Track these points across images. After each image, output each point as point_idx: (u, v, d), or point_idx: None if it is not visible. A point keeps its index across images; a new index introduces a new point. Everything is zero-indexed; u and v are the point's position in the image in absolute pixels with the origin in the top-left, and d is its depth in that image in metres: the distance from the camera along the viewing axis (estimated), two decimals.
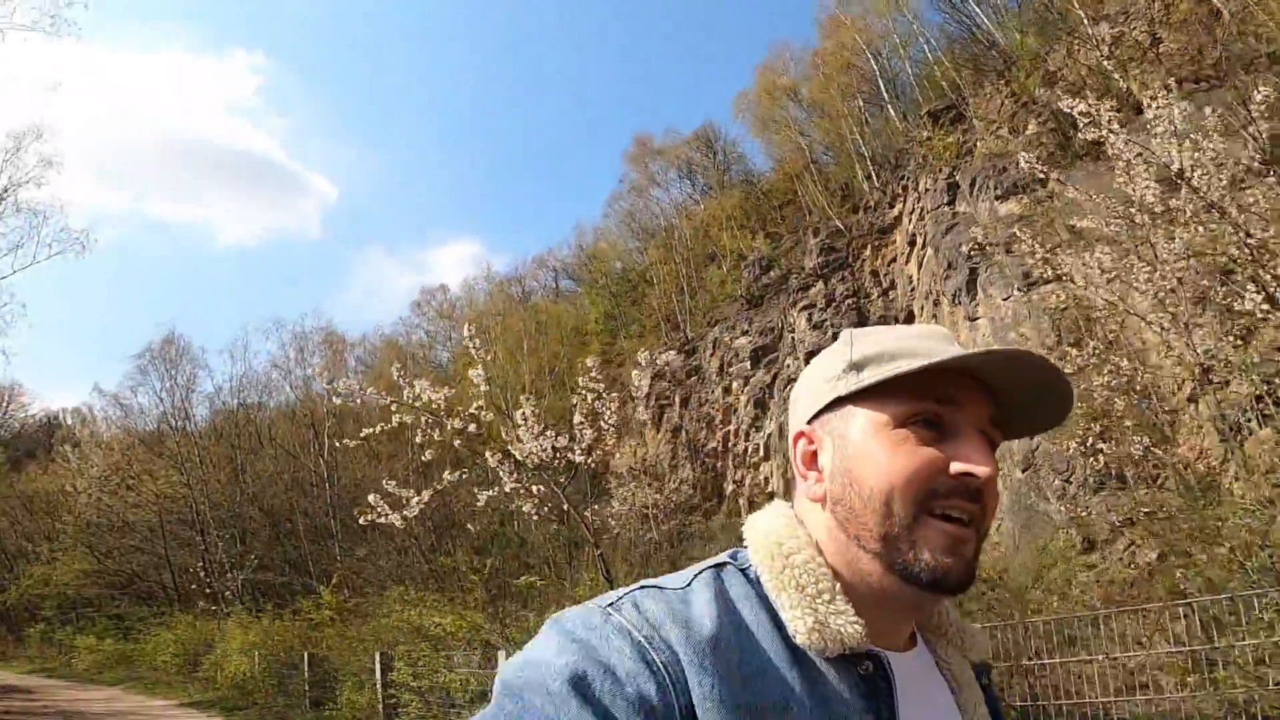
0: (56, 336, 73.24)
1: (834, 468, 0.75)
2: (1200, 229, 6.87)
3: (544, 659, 0.64)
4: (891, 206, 26.64)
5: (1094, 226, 8.70)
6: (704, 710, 0.63)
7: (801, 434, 0.80)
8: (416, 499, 8.64)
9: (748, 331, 27.87)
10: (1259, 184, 7.58)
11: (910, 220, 24.59)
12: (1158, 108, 7.21)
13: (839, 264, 26.35)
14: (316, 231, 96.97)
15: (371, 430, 8.69)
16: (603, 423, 8.46)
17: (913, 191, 25.08)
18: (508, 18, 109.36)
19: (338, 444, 13.44)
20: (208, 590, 21.00)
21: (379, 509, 8.63)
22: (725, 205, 36.56)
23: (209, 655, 15.78)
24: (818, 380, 0.79)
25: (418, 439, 8.47)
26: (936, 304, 20.94)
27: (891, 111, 32.32)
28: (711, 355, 29.69)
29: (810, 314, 25.01)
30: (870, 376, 0.74)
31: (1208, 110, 7.34)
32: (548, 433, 8.22)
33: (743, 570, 0.75)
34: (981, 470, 0.69)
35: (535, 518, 8.26)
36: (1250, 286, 7.04)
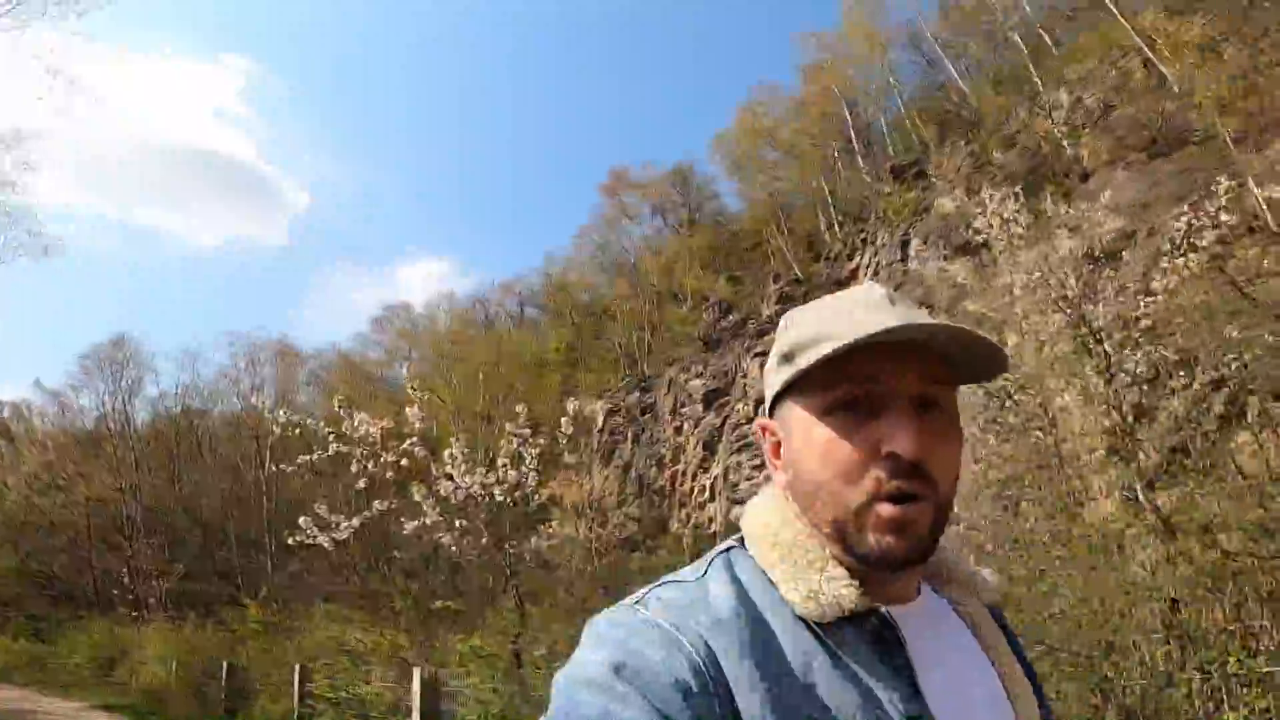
0: (5, 331, 71.89)
1: (786, 460, 0.80)
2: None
3: (585, 658, 0.70)
4: (850, 258, 27.69)
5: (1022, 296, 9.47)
6: (737, 683, 0.67)
7: (764, 427, 0.83)
8: (346, 524, 9.02)
9: (702, 374, 28.58)
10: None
11: (866, 274, 25.60)
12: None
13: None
14: (282, 239, 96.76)
15: (308, 458, 9.09)
16: (524, 466, 8.95)
17: (871, 245, 26.15)
18: (499, 41, 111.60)
19: (276, 467, 13.75)
20: (130, 596, 20.86)
21: (309, 531, 9.01)
22: (692, 245, 37.53)
23: (125, 661, 15.77)
24: (767, 371, 0.83)
25: (353, 468, 8.88)
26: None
27: (861, 162, 33.66)
28: (666, 394, 30.33)
29: (763, 361, 25.74)
30: (795, 368, 0.77)
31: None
32: (477, 470, 8.69)
33: (749, 554, 0.80)
34: (904, 448, 0.71)
35: (455, 550, 8.67)
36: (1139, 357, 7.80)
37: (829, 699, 0.69)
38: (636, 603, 0.74)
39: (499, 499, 8.60)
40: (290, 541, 9.43)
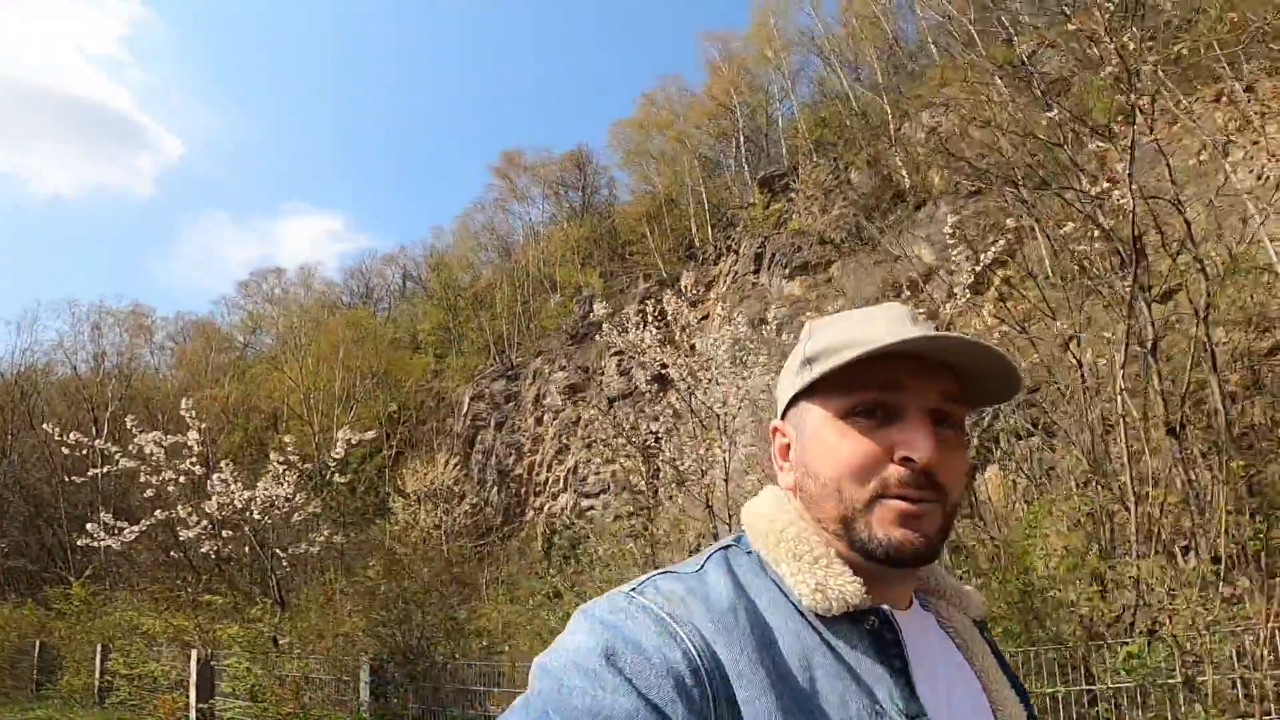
0: None
1: (796, 460, 0.86)
2: None
3: (577, 643, 0.72)
4: (716, 264, 29.82)
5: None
6: (735, 674, 0.70)
7: (775, 429, 0.90)
8: (130, 529, 10.54)
9: (565, 367, 30.33)
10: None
11: (725, 282, 27.77)
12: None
13: (659, 313, 29.18)
14: (148, 190, 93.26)
15: (96, 471, 10.50)
16: (283, 489, 10.60)
17: (733, 253, 28.31)
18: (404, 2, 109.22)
19: (112, 442, 14.86)
20: None
21: (96, 535, 10.53)
22: (572, 235, 39.08)
23: None
24: (785, 375, 0.90)
25: (141, 479, 10.41)
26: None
27: (746, 167, 35.74)
28: (531, 384, 31.95)
29: (620, 360, 27.70)
30: (817, 371, 0.83)
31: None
32: (235, 491, 10.37)
33: (747, 552, 0.84)
34: (919, 454, 0.76)
35: (214, 556, 10.37)
36: None
37: (829, 693, 0.72)
38: (633, 590, 0.77)
39: (257, 517, 10.20)
40: (80, 543, 10.82)
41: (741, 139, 36.87)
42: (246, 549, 10.80)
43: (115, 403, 30.76)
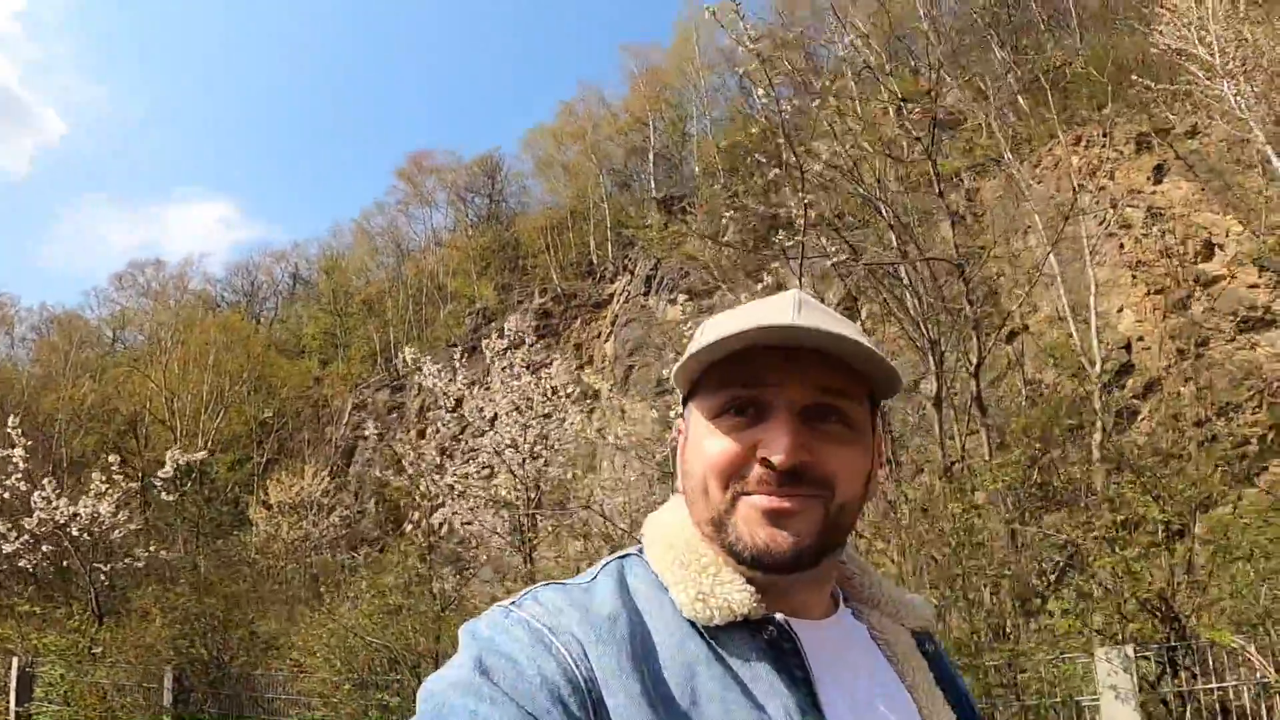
0: None
1: (679, 461, 0.87)
2: None
3: (455, 661, 0.73)
4: (612, 282, 30.30)
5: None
6: (606, 683, 0.70)
7: (678, 430, 0.90)
8: None
9: (453, 380, 30.22)
10: None
11: (618, 301, 28.26)
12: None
13: (549, 330, 29.47)
14: (24, 169, 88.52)
15: None
16: (104, 506, 10.64)
17: (629, 273, 28.83)
18: None
19: None
20: None
21: None
22: (474, 245, 39.02)
23: None
24: (677, 372, 0.86)
25: None
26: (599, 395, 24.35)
27: (653, 184, 36.40)
28: (416, 396, 31.67)
29: (503, 373, 27.80)
30: (687, 369, 0.82)
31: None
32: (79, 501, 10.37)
33: (645, 561, 0.84)
34: (776, 455, 0.74)
35: (31, 570, 10.38)
36: None
37: (709, 704, 0.71)
38: (512, 604, 0.77)
39: (75, 534, 10.19)
40: None
41: (653, 156, 37.58)
42: (65, 563, 10.75)
43: None
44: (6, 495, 10.57)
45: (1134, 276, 17.81)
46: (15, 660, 9.40)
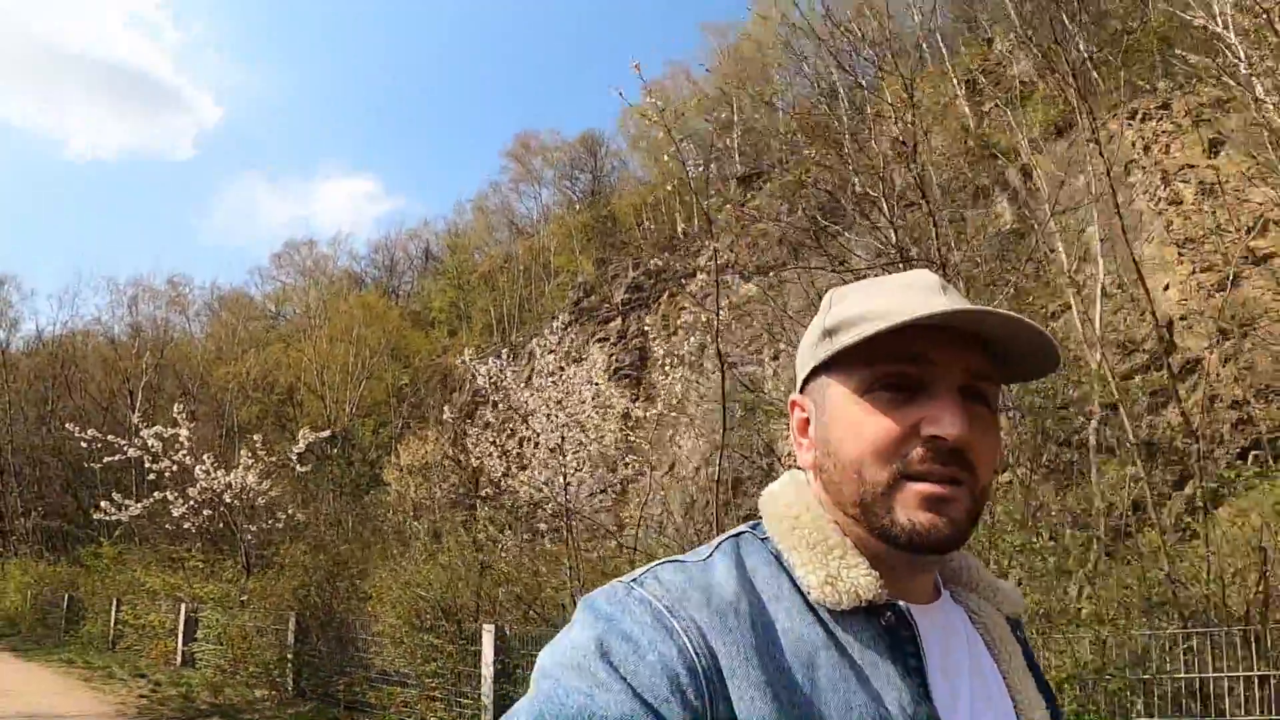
0: None
1: (816, 436, 0.83)
2: None
3: (573, 638, 0.72)
4: (697, 256, 32.08)
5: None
6: (730, 669, 0.69)
7: (794, 403, 0.87)
8: (133, 505, 13.57)
9: (554, 350, 32.99)
10: None
11: (699, 277, 30.04)
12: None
13: (640, 303, 31.68)
14: (187, 151, 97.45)
15: (112, 459, 13.45)
16: (250, 478, 13.45)
17: (709, 249, 30.52)
18: None
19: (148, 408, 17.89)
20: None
21: (108, 510, 13.58)
22: (573, 222, 41.53)
23: None
24: (804, 347, 0.87)
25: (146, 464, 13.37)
26: (674, 366, 26.34)
27: (738, 161, 37.64)
28: (526, 365, 34.75)
29: (604, 346, 30.28)
30: (838, 343, 0.80)
31: None
32: (217, 476, 13.27)
33: (761, 539, 0.82)
34: (948, 431, 0.73)
35: (194, 530, 13.37)
36: None
37: (830, 693, 0.70)
38: (633, 581, 0.76)
39: (228, 501, 13.09)
40: (95, 518, 13.85)
41: (737, 134, 38.69)
42: (221, 525, 13.78)
43: (149, 373, 34.23)
44: (175, 468, 13.65)
45: (1180, 254, 17.98)
46: (183, 606, 12.56)
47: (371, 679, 8.80)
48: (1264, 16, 8.77)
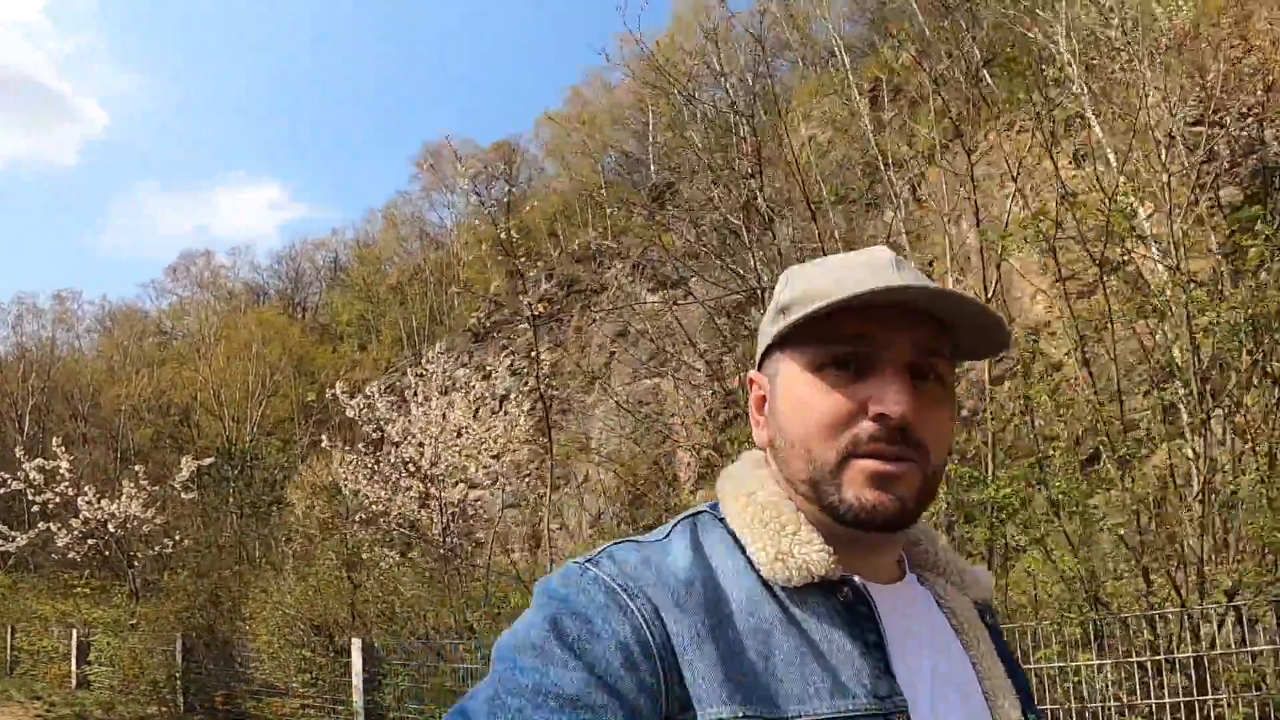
0: None
1: (770, 414, 0.84)
2: None
3: (528, 619, 0.73)
4: (609, 268, 32.57)
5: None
6: (683, 647, 0.70)
7: (752, 380, 0.87)
8: (17, 536, 13.46)
9: (466, 364, 33.01)
10: None
11: (611, 289, 30.54)
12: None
13: (552, 315, 31.99)
14: (71, 160, 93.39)
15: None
16: (131, 508, 13.43)
17: (620, 260, 31.08)
18: None
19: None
20: None
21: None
22: (489, 231, 41.48)
23: None
24: (763, 324, 0.86)
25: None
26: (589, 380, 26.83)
27: (653, 170, 38.31)
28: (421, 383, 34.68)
29: (511, 360, 30.45)
30: (788, 320, 0.80)
31: None
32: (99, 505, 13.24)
33: (719, 519, 0.82)
34: (891, 409, 0.73)
35: (79, 559, 13.31)
36: None
37: (786, 669, 0.71)
38: (588, 561, 0.76)
39: (113, 530, 13.08)
40: None
41: (652, 141, 39.38)
42: (107, 553, 13.74)
43: (36, 395, 32.92)
44: (57, 500, 13.54)
45: (1043, 265, 19.33)
46: (75, 631, 12.51)
47: (254, 691, 9.06)
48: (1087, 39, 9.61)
